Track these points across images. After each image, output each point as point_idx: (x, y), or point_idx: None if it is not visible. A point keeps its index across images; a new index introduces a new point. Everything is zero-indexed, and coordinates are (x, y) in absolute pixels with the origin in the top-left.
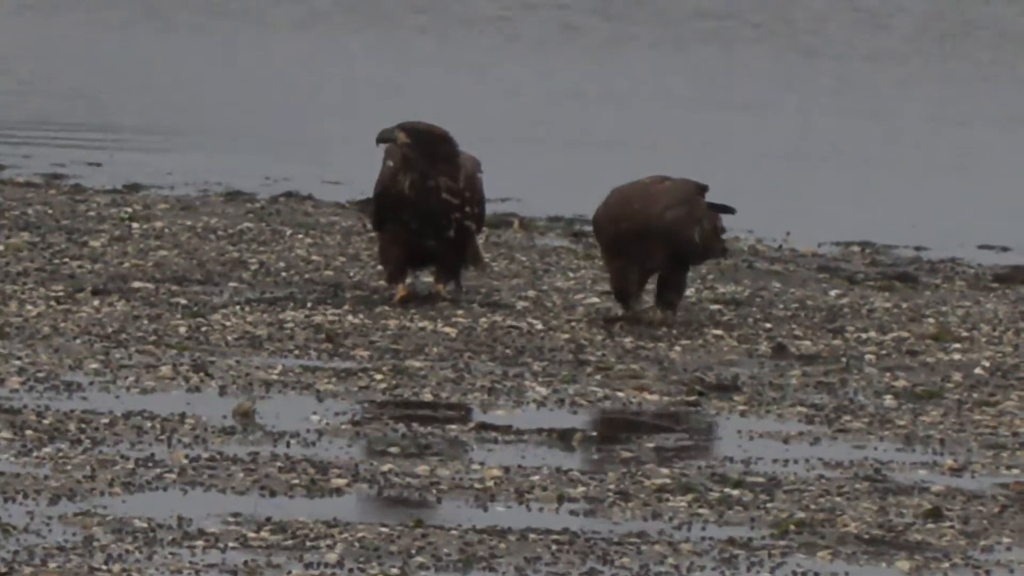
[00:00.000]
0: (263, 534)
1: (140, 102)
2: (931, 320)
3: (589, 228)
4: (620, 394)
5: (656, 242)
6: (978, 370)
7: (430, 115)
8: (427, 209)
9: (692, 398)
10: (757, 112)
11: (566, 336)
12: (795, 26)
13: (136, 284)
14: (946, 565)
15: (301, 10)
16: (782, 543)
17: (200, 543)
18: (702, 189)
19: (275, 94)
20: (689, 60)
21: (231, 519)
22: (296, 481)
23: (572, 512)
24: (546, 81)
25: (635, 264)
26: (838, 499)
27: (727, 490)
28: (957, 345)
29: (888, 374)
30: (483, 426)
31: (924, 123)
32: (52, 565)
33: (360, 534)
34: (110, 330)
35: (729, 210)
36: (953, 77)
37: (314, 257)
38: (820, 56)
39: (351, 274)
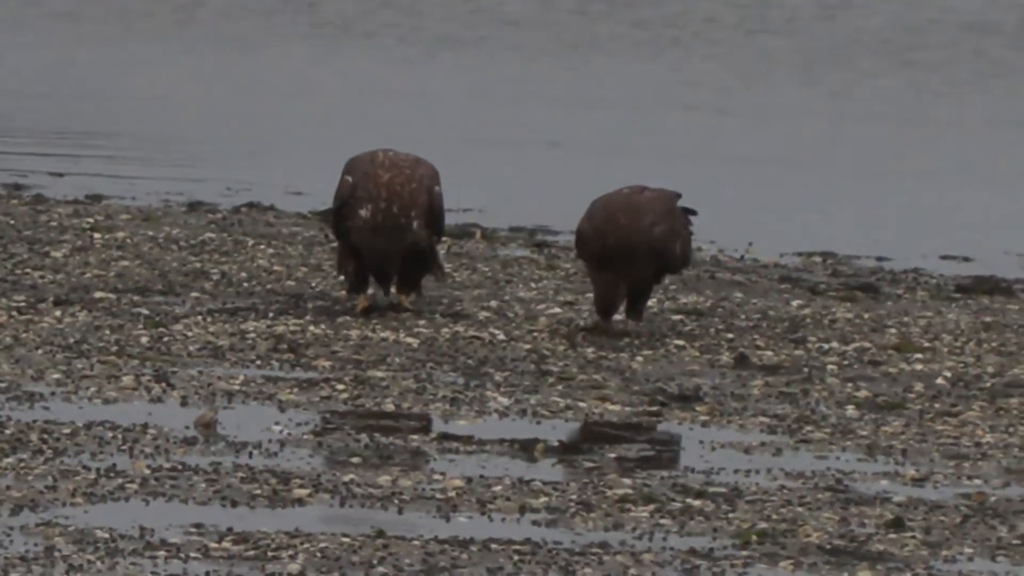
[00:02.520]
0: (225, 544)
1: (103, 112)
2: (893, 331)
3: (551, 238)
4: (582, 404)
5: (643, 257)
6: (940, 380)
7: (391, 121)
8: (391, 239)
9: (654, 408)
10: (718, 118)
11: (528, 346)
12: (762, 29)
13: (98, 294)
14: (908, 575)
15: (262, 20)
16: (744, 553)
17: (162, 553)
18: (677, 196)
19: (237, 104)
20: (655, 65)
21: (193, 530)
22: (258, 491)
23: (534, 522)
24: (510, 86)
25: (623, 278)
26: (800, 509)
27: (689, 500)
28: (919, 356)
29: (850, 384)
30: (445, 436)
31: (886, 130)
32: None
33: (322, 544)
34: (72, 340)
35: (693, 212)
36: (918, 84)
37: (276, 267)
38: (784, 62)
39: (313, 284)
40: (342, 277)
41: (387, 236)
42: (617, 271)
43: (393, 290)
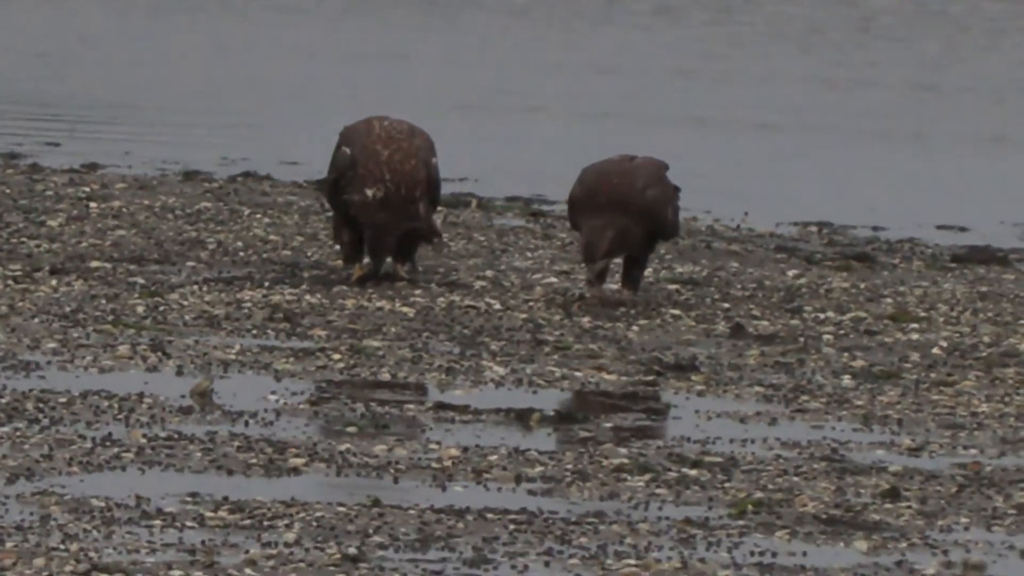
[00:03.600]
0: (221, 513)
1: (98, 82)
2: (889, 300)
3: (547, 208)
4: (578, 374)
5: (635, 215)
6: (936, 350)
7: (386, 88)
8: (398, 217)
9: (650, 378)
10: (715, 86)
11: (524, 316)
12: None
13: (94, 263)
14: (904, 545)
15: None
16: (740, 523)
17: (158, 522)
18: (666, 166)
19: (232, 73)
20: (652, 32)
21: (189, 499)
22: (254, 461)
23: (530, 492)
24: (508, 53)
25: (610, 225)
26: (796, 479)
27: (685, 470)
28: (915, 325)
29: (846, 354)
30: (441, 406)
31: (883, 98)
32: (9, 544)
33: (318, 513)
34: (68, 309)
35: (676, 188)
36: (916, 52)
37: (272, 237)
38: (783, 29)
39: (309, 254)
40: (338, 247)
41: (395, 213)
42: (607, 219)
43: (388, 259)
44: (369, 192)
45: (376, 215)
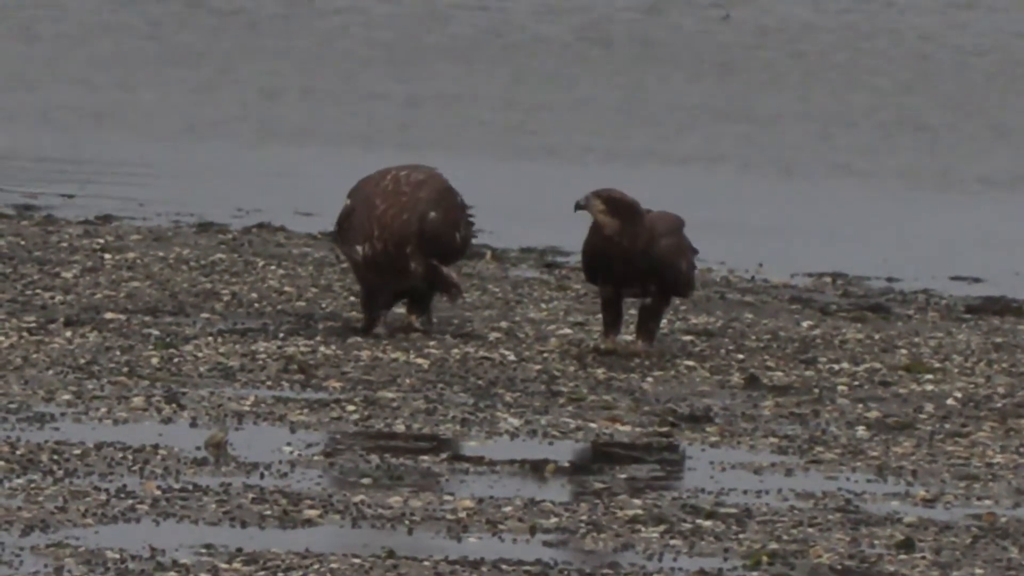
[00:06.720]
0: (235, 565)
1: (112, 132)
2: (903, 351)
3: (561, 259)
4: (592, 425)
5: (648, 269)
6: (950, 401)
7: (402, 135)
8: (387, 277)
9: (664, 429)
10: (727, 132)
11: (538, 367)
12: (778, 44)
13: (108, 315)
14: None
15: (266, 43)
16: (754, 574)
17: (172, 574)
18: (682, 223)
19: (246, 123)
20: (665, 78)
21: (203, 550)
22: (268, 512)
23: (545, 543)
24: (518, 93)
25: (624, 292)
26: (810, 530)
27: (699, 521)
28: (929, 376)
29: (860, 405)
30: (456, 457)
31: (895, 151)
32: None
33: (332, 565)
34: (82, 361)
35: (694, 250)
36: (929, 99)
37: (286, 288)
38: (794, 77)
39: (323, 305)
40: (354, 297)
41: (383, 272)
42: (620, 283)
43: (403, 310)
44: (359, 248)
45: (366, 275)
